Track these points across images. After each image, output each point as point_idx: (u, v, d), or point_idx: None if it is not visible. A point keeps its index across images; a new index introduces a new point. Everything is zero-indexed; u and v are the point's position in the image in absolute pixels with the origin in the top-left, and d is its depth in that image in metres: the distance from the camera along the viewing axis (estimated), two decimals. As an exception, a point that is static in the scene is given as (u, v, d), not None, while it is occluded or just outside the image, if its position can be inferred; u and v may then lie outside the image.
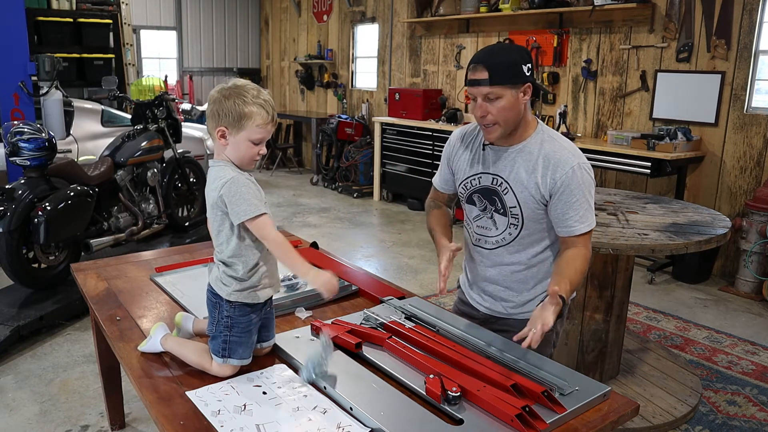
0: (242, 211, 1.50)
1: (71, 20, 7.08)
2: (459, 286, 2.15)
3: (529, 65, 1.73)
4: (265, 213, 1.52)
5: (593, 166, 4.89)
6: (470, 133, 1.96)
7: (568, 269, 1.71)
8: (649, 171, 4.61)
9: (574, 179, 1.72)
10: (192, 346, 1.67)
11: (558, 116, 5.46)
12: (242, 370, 1.61)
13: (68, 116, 5.07)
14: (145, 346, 1.72)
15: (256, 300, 1.59)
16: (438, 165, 2.10)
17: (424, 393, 1.46)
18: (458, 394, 1.41)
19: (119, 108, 6.54)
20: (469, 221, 1.96)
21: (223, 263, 1.60)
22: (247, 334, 1.60)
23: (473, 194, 1.90)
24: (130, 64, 7.77)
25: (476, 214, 1.91)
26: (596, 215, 2.80)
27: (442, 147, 2.06)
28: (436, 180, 2.09)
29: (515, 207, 1.81)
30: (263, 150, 1.58)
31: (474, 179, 1.89)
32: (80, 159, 4.90)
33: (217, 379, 1.57)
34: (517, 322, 1.90)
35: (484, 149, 1.87)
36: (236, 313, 1.58)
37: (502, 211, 1.84)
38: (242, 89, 1.52)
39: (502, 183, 1.82)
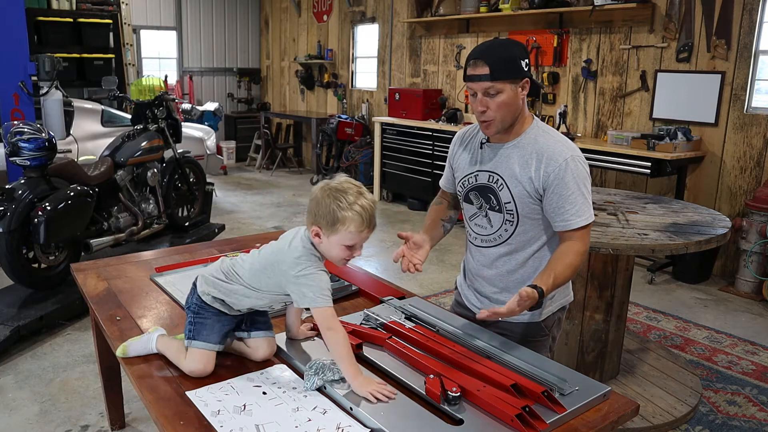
0: (313, 297, 1.50)
1: (71, 20, 7.08)
2: (456, 288, 2.14)
3: (527, 60, 1.73)
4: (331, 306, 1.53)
5: (593, 166, 4.93)
6: (470, 133, 1.97)
7: (556, 263, 1.70)
8: (649, 171, 4.61)
9: (567, 171, 1.71)
10: (175, 344, 1.68)
11: (558, 116, 5.46)
12: (242, 370, 1.60)
13: (68, 116, 5.08)
14: (138, 341, 1.72)
15: (226, 310, 1.65)
16: (439, 165, 2.10)
17: (424, 393, 1.46)
18: (458, 394, 1.41)
19: (119, 108, 6.54)
20: (467, 220, 1.96)
21: (224, 274, 1.63)
22: (215, 317, 1.63)
23: (470, 192, 1.91)
24: (130, 64, 7.77)
25: (473, 212, 1.91)
26: (596, 215, 2.82)
27: (442, 147, 2.07)
28: (441, 179, 2.12)
29: (510, 203, 1.80)
30: (358, 253, 1.55)
31: (471, 177, 1.89)
32: (80, 159, 4.90)
33: (217, 379, 1.57)
34: (512, 326, 1.89)
35: (481, 147, 1.88)
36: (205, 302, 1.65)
37: (497, 207, 1.83)
38: (342, 192, 1.50)
39: (498, 180, 1.82)
